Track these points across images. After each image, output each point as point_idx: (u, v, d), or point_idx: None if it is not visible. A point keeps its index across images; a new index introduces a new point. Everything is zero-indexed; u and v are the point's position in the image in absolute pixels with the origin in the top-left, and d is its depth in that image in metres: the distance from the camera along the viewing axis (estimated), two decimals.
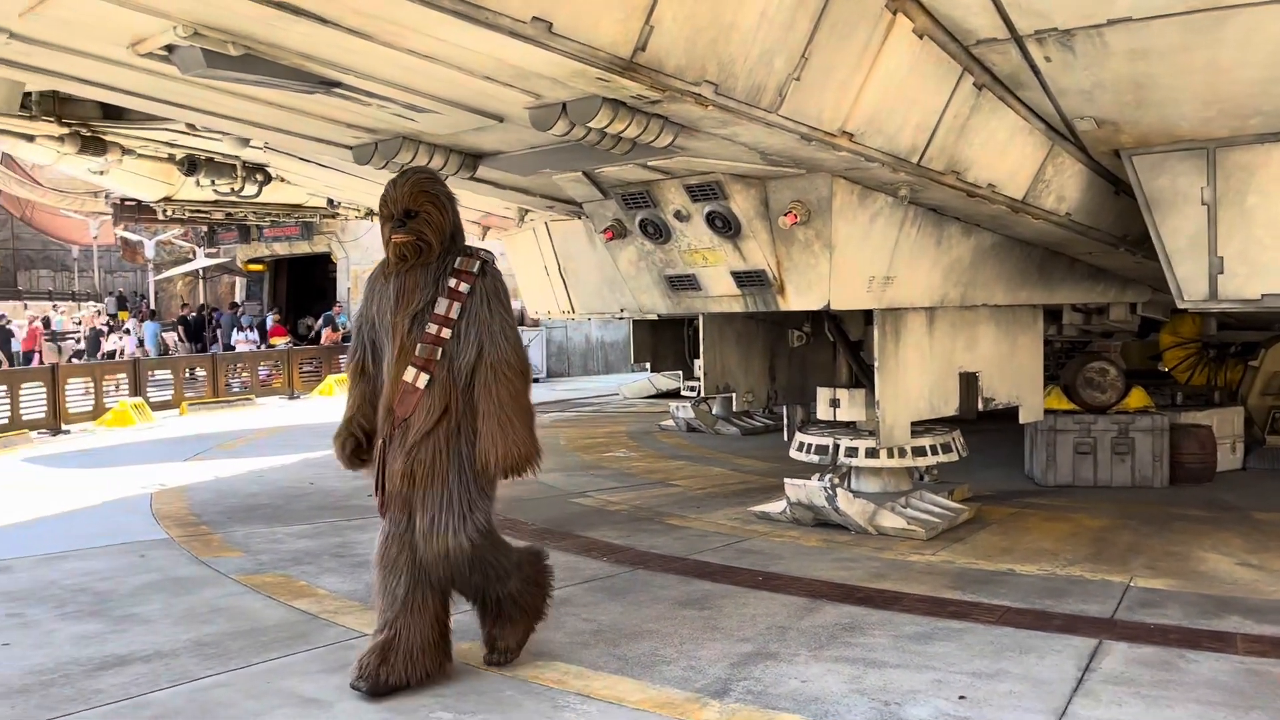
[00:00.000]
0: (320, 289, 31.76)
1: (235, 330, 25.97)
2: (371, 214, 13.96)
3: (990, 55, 5.43)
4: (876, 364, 6.97)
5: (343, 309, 27.17)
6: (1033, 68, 5.43)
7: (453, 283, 4.20)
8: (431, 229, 4.23)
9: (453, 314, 4.17)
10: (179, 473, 10.64)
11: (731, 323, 9.37)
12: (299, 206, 16.08)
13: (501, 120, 5.44)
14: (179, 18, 3.94)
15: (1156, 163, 6.10)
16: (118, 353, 25.60)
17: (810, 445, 7.71)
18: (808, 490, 7.28)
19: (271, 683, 4.41)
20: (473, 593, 4.34)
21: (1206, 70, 5.18)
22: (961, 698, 4.17)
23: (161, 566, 6.55)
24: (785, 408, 10.46)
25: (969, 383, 7.68)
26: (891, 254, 6.60)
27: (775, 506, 7.71)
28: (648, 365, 14.79)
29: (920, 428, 7.43)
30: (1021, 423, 8.64)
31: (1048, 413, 8.86)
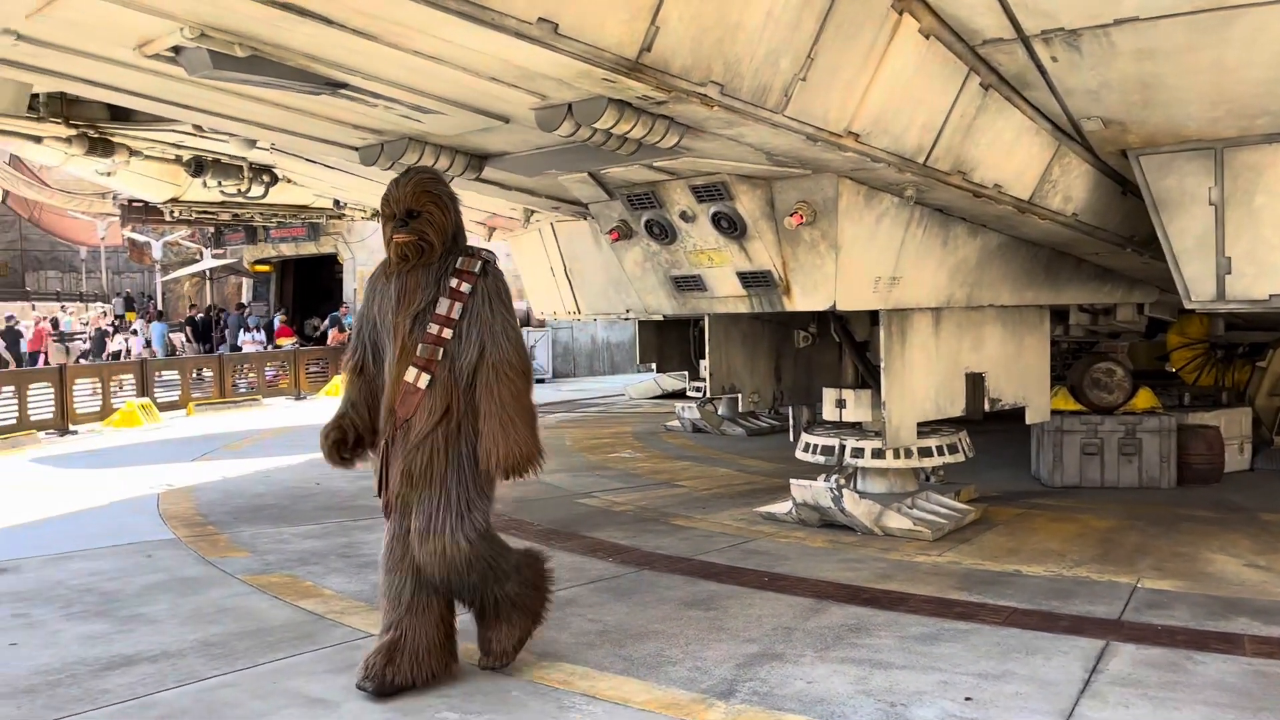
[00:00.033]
0: (327, 290, 31.83)
1: (242, 331, 26.02)
2: (378, 215, 13.97)
3: (997, 55, 5.42)
4: (882, 364, 6.96)
5: (349, 310, 27.17)
6: (1039, 68, 5.42)
7: (454, 283, 4.18)
8: (434, 229, 4.22)
9: (454, 314, 4.16)
10: (186, 473, 10.67)
11: (737, 323, 9.36)
12: (305, 207, 16.11)
13: (507, 121, 5.45)
14: (185, 19, 3.95)
15: (1164, 163, 6.08)
16: (122, 353, 25.69)
17: (816, 446, 7.70)
18: (814, 491, 7.28)
19: (278, 683, 4.42)
20: (470, 593, 4.28)
21: (1213, 70, 5.17)
22: (968, 699, 4.17)
23: (168, 567, 6.57)
24: (791, 408, 10.44)
25: (975, 383, 7.66)
26: (897, 254, 6.59)
27: (781, 507, 7.71)
28: (653, 366, 14.77)
29: (926, 428, 7.42)
30: (1028, 423, 8.62)
31: (1054, 413, 8.84)
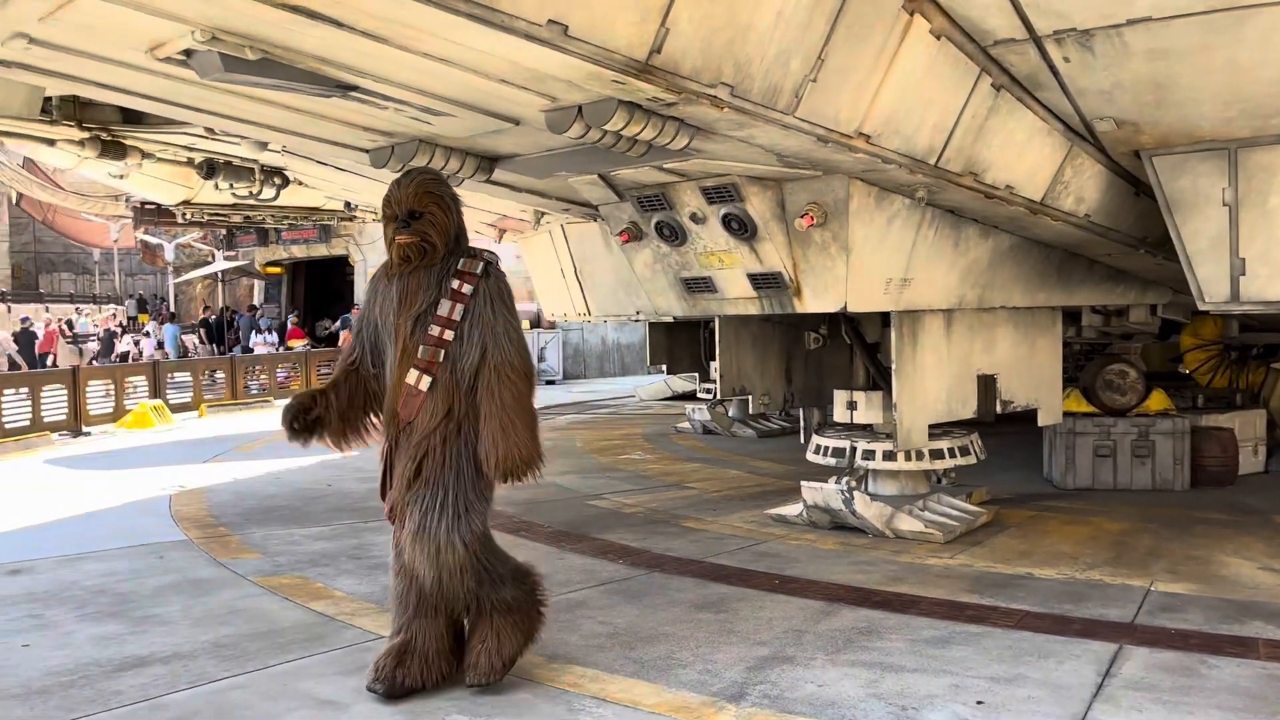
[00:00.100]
0: (338, 291, 31.90)
1: (254, 333, 26.12)
2: None
3: (1008, 56, 5.40)
4: (894, 366, 6.94)
5: (360, 311, 27.24)
6: (1051, 68, 5.39)
7: (456, 284, 4.16)
8: (436, 230, 4.20)
9: (455, 315, 4.13)
10: (198, 474, 10.71)
11: (748, 325, 9.35)
12: (317, 209, 16.18)
13: (517, 123, 5.45)
14: (196, 22, 3.97)
15: (1177, 163, 6.05)
16: (130, 354, 25.79)
17: (827, 448, 7.68)
18: (825, 493, 7.26)
19: (288, 684, 4.43)
20: (466, 598, 4.17)
21: (1227, 70, 5.14)
22: (979, 703, 4.14)
23: (180, 568, 6.59)
24: (802, 410, 10.45)
25: (987, 385, 7.63)
26: (909, 256, 6.57)
27: (792, 509, 7.69)
28: (664, 367, 14.79)
29: (938, 430, 7.39)
30: (1040, 425, 8.59)
31: (1067, 415, 8.80)
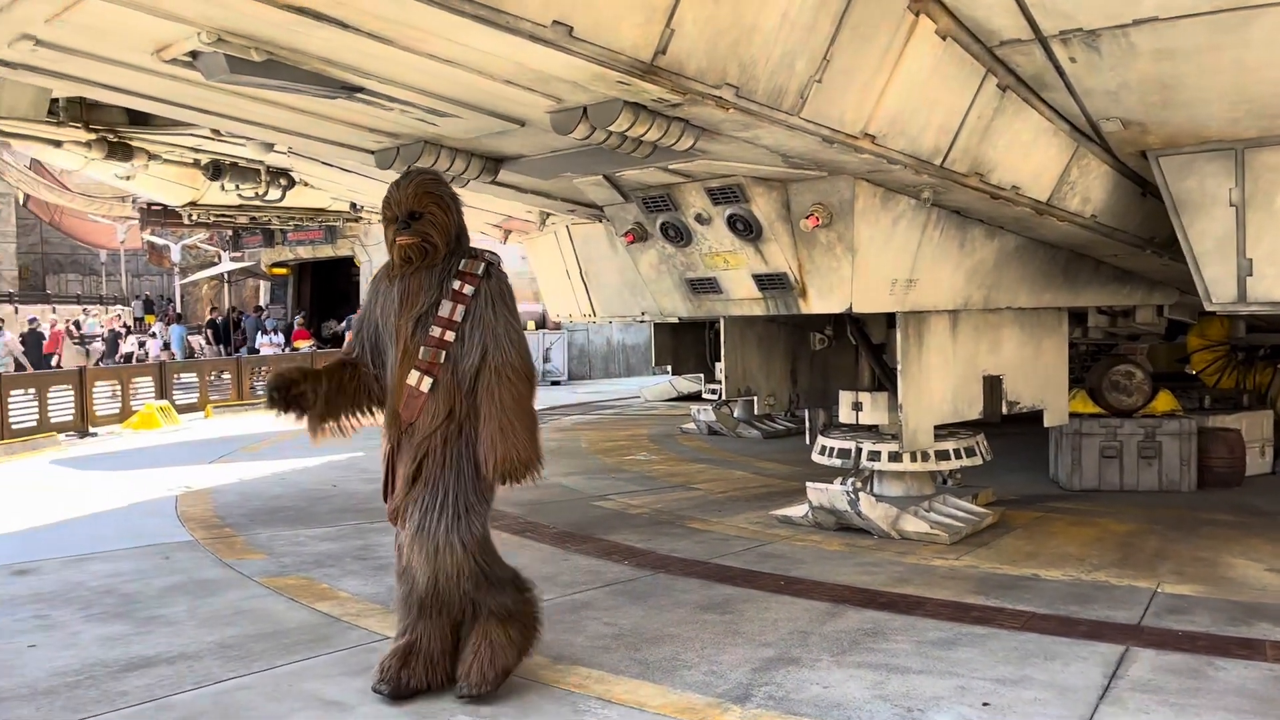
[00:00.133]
0: (344, 292, 31.95)
1: (260, 333, 26.17)
2: None
3: (1014, 56, 5.39)
4: (899, 367, 6.93)
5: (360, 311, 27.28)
6: (1057, 69, 5.38)
7: (456, 285, 4.15)
8: (436, 230, 4.19)
9: (456, 316, 4.12)
10: (204, 475, 10.73)
11: (753, 326, 9.34)
12: (322, 210, 16.18)
13: (522, 124, 5.45)
14: (202, 24, 3.97)
15: (1184, 164, 6.04)
16: (134, 355, 25.84)
17: (832, 449, 7.67)
18: (830, 494, 7.25)
19: (294, 685, 4.44)
20: (462, 601, 4.14)
21: (1233, 70, 5.12)
22: (985, 704, 4.14)
23: (186, 569, 6.60)
24: (807, 411, 10.42)
25: (993, 386, 7.62)
26: (914, 257, 6.56)
27: (797, 510, 7.68)
28: (669, 368, 14.77)
29: (944, 431, 7.38)
30: (1046, 426, 8.57)
31: (1073, 416, 8.78)
